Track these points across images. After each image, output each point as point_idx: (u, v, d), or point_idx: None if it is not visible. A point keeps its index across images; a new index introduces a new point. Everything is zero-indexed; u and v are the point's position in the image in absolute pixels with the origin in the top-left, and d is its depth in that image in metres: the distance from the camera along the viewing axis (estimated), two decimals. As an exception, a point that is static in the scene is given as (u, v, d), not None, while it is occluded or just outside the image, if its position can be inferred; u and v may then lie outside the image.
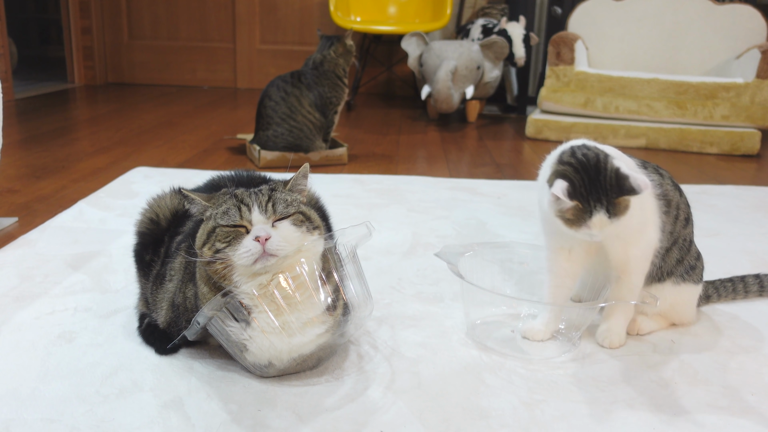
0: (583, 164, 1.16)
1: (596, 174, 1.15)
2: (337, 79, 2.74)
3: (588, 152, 1.18)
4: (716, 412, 1.09)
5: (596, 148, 1.20)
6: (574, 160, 1.17)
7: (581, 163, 1.16)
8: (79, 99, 4.46)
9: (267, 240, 1.03)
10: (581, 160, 1.17)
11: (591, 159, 1.16)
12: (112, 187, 2.27)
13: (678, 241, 1.32)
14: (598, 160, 1.16)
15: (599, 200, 1.14)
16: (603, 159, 1.16)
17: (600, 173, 1.15)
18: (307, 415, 1.04)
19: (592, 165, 1.15)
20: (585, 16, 3.81)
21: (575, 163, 1.17)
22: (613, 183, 1.14)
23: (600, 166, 1.15)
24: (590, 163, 1.16)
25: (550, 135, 3.51)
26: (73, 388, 1.08)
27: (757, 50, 3.34)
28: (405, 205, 2.18)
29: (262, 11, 5.00)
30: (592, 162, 1.16)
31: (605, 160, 1.16)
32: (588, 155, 1.17)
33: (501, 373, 1.18)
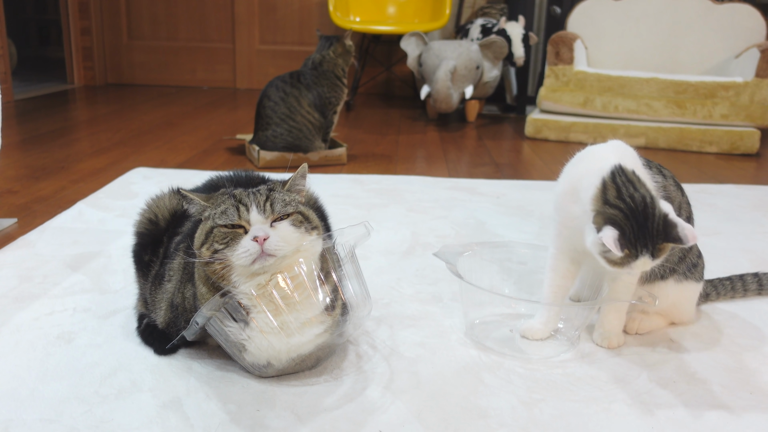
0: (633, 210, 1.13)
1: (644, 220, 1.13)
2: (336, 80, 2.74)
3: (635, 194, 1.15)
4: (715, 410, 1.09)
5: (639, 182, 1.17)
6: (623, 204, 1.14)
7: (630, 208, 1.14)
8: (78, 100, 4.46)
9: (265, 240, 1.03)
10: (630, 205, 1.14)
11: (639, 203, 1.14)
12: (112, 188, 2.27)
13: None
14: (646, 204, 1.14)
15: (646, 245, 1.13)
16: (650, 203, 1.14)
17: (648, 219, 1.13)
18: (306, 415, 1.04)
19: (641, 210, 1.13)
20: (584, 15, 3.81)
21: (625, 209, 1.14)
22: (660, 230, 1.13)
23: (648, 212, 1.13)
24: (639, 209, 1.13)
25: (549, 135, 3.51)
26: (72, 388, 1.09)
27: (756, 49, 3.34)
28: (404, 205, 2.18)
29: (262, 12, 5.00)
30: (641, 207, 1.14)
31: (653, 204, 1.14)
32: (636, 198, 1.14)
33: (500, 372, 1.18)
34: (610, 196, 1.16)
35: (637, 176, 1.18)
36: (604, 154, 1.24)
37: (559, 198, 1.27)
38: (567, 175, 1.28)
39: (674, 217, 1.14)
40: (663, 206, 1.15)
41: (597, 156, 1.24)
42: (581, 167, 1.25)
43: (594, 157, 1.25)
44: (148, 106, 4.23)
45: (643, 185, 1.17)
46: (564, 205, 1.26)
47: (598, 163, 1.21)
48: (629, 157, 1.24)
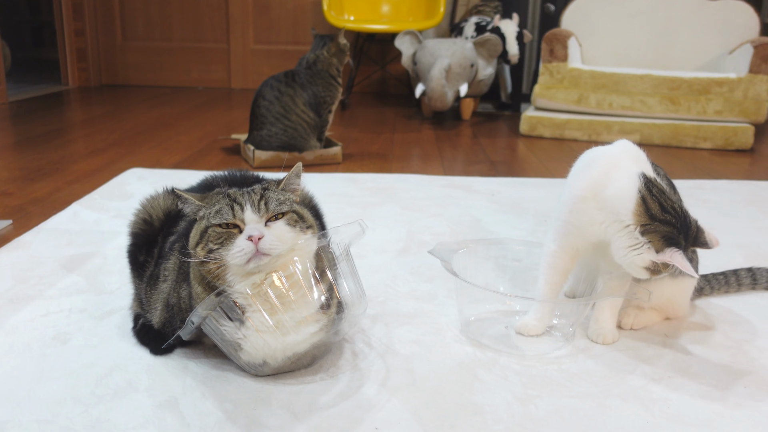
0: (680, 224, 1.18)
1: (687, 231, 1.19)
2: (330, 79, 2.74)
3: (675, 206, 1.20)
4: (709, 405, 1.09)
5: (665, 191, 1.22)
6: (673, 218, 1.18)
7: (678, 222, 1.18)
8: (73, 101, 4.46)
9: (260, 239, 1.03)
10: (676, 219, 1.18)
11: (680, 215, 1.19)
12: (107, 189, 2.27)
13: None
14: (685, 215, 1.20)
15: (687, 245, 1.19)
16: (686, 212, 1.20)
17: (689, 229, 1.19)
18: (302, 413, 1.04)
19: (684, 222, 1.19)
20: (578, 12, 3.81)
21: (675, 223, 1.18)
22: (694, 236, 1.19)
23: (688, 222, 1.19)
24: (682, 221, 1.19)
25: (544, 132, 3.51)
26: (68, 389, 1.09)
27: (750, 45, 3.35)
28: (399, 204, 2.19)
29: (256, 11, 5.00)
30: (682, 219, 1.19)
31: (687, 213, 1.20)
32: (677, 210, 1.19)
33: (495, 369, 1.19)
34: (654, 211, 1.19)
35: (660, 183, 1.22)
36: (621, 160, 1.25)
37: (576, 203, 1.25)
38: (583, 179, 1.26)
39: (700, 223, 1.20)
40: (691, 214, 1.21)
41: (615, 162, 1.24)
42: (599, 173, 1.24)
43: (612, 163, 1.24)
44: (143, 106, 4.23)
45: (677, 198, 1.22)
46: (584, 211, 1.24)
47: (622, 172, 1.22)
48: (642, 160, 1.26)
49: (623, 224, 1.20)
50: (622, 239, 1.21)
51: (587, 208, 1.24)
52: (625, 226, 1.20)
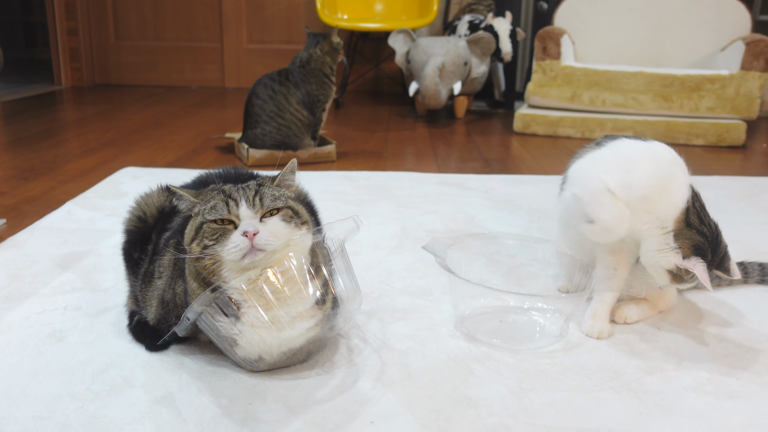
0: (713, 239, 1.24)
1: (716, 249, 1.24)
2: (324, 77, 2.74)
3: (711, 222, 1.25)
4: (702, 396, 1.10)
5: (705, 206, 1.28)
6: (708, 231, 1.24)
7: (711, 237, 1.23)
8: (66, 101, 4.44)
9: (255, 235, 1.03)
10: (710, 233, 1.24)
11: (714, 232, 1.25)
12: (101, 188, 2.27)
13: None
14: (719, 234, 1.25)
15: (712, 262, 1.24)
16: (719, 233, 1.25)
17: (718, 248, 1.24)
18: (298, 408, 1.04)
19: (716, 239, 1.24)
20: (570, 10, 3.83)
21: (708, 236, 1.23)
22: (720, 258, 1.24)
23: (720, 241, 1.25)
24: (716, 239, 1.24)
25: (537, 129, 3.52)
26: (63, 385, 1.09)
27: (741, 42, 3.36)
28: (393, 201, 2.19)
29: (249, 10, 4.99)
30: (715, 236, 1.24)
31: (720, 234, 1.26)
32: (712, 227, 1.25)
33: (489, 363, 1.19)
34: (692, 220, 1.24)
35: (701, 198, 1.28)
36: (675, 166, 1.28)
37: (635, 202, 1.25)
38: (642, 179, 1.25)
39: (729, 250, 1.25)
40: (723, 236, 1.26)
41: (671, 169, 1.27)
42: (660, 177, 1.25)
43: (669, 171, 1.27)
44: (137, 106, 4.22)
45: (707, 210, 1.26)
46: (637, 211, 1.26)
47: (677, 180, 1.26)
48: (685, 168, 1.31)
49: (663, 229, 1.24)
50: (654, 240, 1.25)
51: (641, 207, 1.25)
52: (662, 228, 1.24)
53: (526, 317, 1.39)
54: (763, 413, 1.06)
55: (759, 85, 3.31)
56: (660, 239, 1.24)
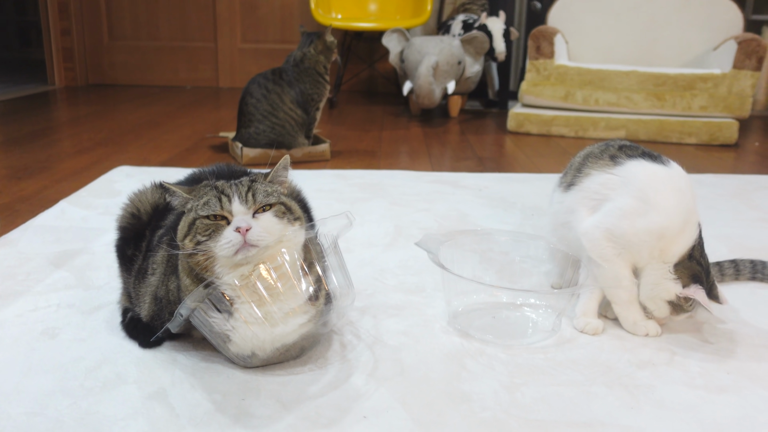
0: (706, 270, 1.27)
1: (707, 278, 1.27)
2: (318, 76, 2.75)
3: (704, 253, 1.28)
4: (693, 391, 1.11)
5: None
6: (704, 262, 1.27)
7: (706, 269, 1.27)
8: (60, 101, 4.44)
9: (248, 231, 1.04)
10: (705, 265, 1.27)
11: (707, 263, 1.28)
12: (94, 187, 2.27)
13: None
14: (709, 267, 1.28)
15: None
16: (709, 266, 1.29)
17: (709, 277, 1.27)
18: (291, 403, 1.05)
19: (707, 270, 1.27)
20: (564, 10, 3.84)
21: (705, 267, 1.27)
22: (710, 286, 1.26)
23: (710, 271, 1.28)
24: (707, 270, 1.27)
25: (531, 128, 3.53)
26: (56, 382, 1.09)
27: (734, 41, 3.38)
28: (387, 199, 2.20)
29: (243, 10, 4.99)
30: (707, 266, 1.28)
31: (709, 266, 1.29)
32: (705, 257, 1.28)
33: (482, 359, 1.20)
34: (695, 254, 1.26)
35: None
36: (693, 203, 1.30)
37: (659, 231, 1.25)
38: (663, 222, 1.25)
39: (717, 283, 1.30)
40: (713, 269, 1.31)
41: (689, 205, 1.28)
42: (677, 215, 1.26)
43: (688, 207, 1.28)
44: (131, 106, 4.22)
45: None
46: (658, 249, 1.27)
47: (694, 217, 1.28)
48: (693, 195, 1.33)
49: (666, 263, 1.26)
50: (655, 272, 1.27)
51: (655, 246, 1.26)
52: (665, 263, 1.26)
53: (518, 313, 1.40)
54: (753, 407, 1.07)
55: (751, 84, 3.32)
56: (660, 270, 1.27)
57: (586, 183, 1.36)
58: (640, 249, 1.26)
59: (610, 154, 1.36)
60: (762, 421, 1.03)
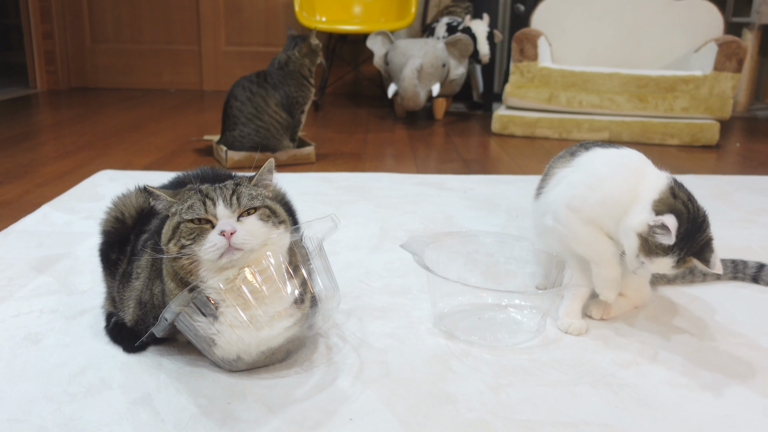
0: (692, 216, 1.22)
1: (694, 230, 1.22)
2: (302, 79, 2.75)
3: (699, 207, 1.25)
4: (676, 389, 1.12)
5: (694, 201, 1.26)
6: (691, 206, 1.23)
7: (691, 214, 1.22)
8: (42, 104, 4.40)
9: (232, 234, 1.04)
10: (692, 211, 1.23)
11: (698, 215, 1.23)
12: (77, 191, 2.25)
13: None
14: (704, 220, 1.24)
15: (681, 250, 1.21)
16: (705, 222, 1.24)
17: (697, 232, 1.22)
18: (277, 407, 1.04)
19: (698, 221, 1.22)
20: (547, 12, 3.86)
21: (692, 210, 1.22)
22: (699, 246, 1.22)
23: (701, 226, 1.23)
24: (696, 219, 1.22)
25: (515, 130, 3.55)
26: (40, 388, 1.08)
27: (714, 43, 3.42)
28: (373, 201, 2.20)
29: (227, 13, 4.97)
30: (699, 219, 1.23)
31: (706, 223, 1.24)
32: (699, 210, 1.24)
33: (468, 360, 1.20)
34: (678, 194, 1.24)
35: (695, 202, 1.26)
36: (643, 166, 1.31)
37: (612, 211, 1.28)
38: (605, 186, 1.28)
39: (714, 244, 1.23)
40: (710, 231, 1.24)
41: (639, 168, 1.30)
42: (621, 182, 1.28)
43: (636, 169, 1.30)
44: (114, 109, 4.19)
45: (701, 208, 1.25)
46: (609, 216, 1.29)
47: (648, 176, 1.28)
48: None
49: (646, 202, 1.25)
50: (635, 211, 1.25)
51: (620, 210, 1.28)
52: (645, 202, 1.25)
53: (503, 314, 1.41)
54: (735, 405, 1.08)
55: (731, 85, 3.36)
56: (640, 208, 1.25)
57: (552, 183, 1.42)
58: (601, 220, 1.29)
59: (570, 152, 1.43)
60: (744, 419, 1.04)
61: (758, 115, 4.42)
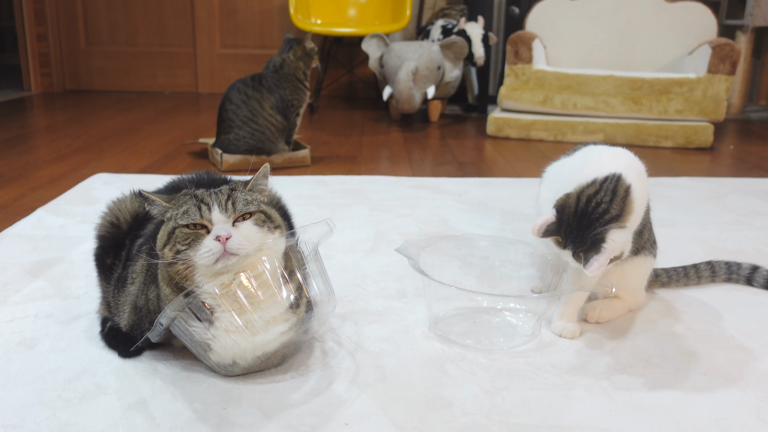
0: (582, 214, 1.23)
1: (582, 225, 1.23)
2: (297, 82, 2.75)
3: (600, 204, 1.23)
4: (670, 392, 1.13)
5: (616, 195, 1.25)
6: (590, 204, 1.24)
7: (581, 211, 1.24)
8: (36, 107, 4.39)
9: (228, 239, 1.04)
10: (582, 208, 1.24)
11: (594, 213, 1.23)
12: (72, 194, 2.25)
13: (646, 224, 1.40)
14: (600, 217, 1.22)
15: (572, 244, 1.25)
16: (603, 218, 1.23)
17: (587, 228, 1.23)
18: (273, 411, 1.05)
19: (591, 219, 1.23)
20: (542, 15, 3.87)
21: (583, 207, 1.24)
22: (589, 244, 1.22)
23: (590, 221, 1.23)
24: (591, 216, 1.23)
25: (510, 133, 3.56)
26: (35, 393, 1.08)
27: (708, 46, 3.43)
28: (368, 205, 2.20)
29: (222, 15, 4.97)
30: (594, 216, 1.23)
31: (603, 219, 1.22)
32: (598, 206, 1.23)
33: (463, 364, 1.21)
34: (586, 190, 1.25)
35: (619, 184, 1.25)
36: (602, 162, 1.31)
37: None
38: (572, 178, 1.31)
39: (609, 245, 1.21)
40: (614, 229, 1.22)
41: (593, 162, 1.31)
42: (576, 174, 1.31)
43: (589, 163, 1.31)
44: (109, 112, 4.18)
45: (606, 201, 1.24)
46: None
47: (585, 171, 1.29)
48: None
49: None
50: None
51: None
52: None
53: (499, 318, 1.41)
54: (729, 407, 1.09)
55: (725, 87, 3.38)
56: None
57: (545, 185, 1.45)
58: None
59: (564, 155, 1.46)
60: (738, 422, 1.05)
61: (752, 118, 4.44)
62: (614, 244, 1.22)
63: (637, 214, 1.26)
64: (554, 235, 1.26)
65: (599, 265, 1.20)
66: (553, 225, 1.25)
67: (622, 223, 1.23)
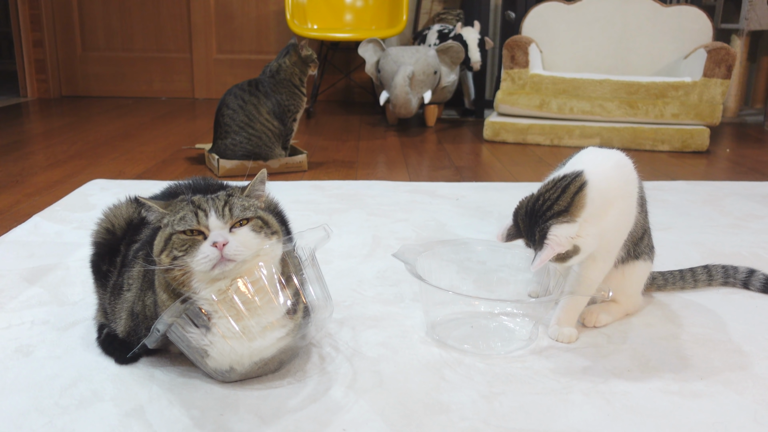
0: (531, 211, 1.26)
1: (531, 224, 1.26)
2: (294, 88, 2.75)
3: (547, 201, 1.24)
4: (668, 396, 1.13)
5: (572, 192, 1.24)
6: (538, 201, 1.26)
7: (530, 207, 1.27)
8: (32, 113, 4.38)
9: (224, 245, 1.03)
10: (530, 205, 1.26)
11: (539, 210, 1.24)
12: (69, 200, 2.24)
13: (647, 230, 1.41)
14: (543, 214, 1.24)
15: (531, 241, 1.27)
16: (546, 215, 1.23)
17: (535, 223, 1.25)
18: (270, 417, 1.04)
19: (536, 216, 1.25)
20: (538, 19, 3.88)
21: (532, 204, 1.26)
22: (538, 240, 1.24)
23: (537, 217, 1.24)
24: (537, 213, 1.25)
25: (507, 137, 3.56)
26: (31, 400, 1.07)
27: (703, 50, 3.44)
28: (365, 210, 2.20)
29: (218, 21, 4.98)
30: (538, 213, 1.24)
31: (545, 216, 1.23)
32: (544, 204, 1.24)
33: (460, 369, 1.20)
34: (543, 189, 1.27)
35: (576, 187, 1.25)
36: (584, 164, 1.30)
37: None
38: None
39: (552, 240, 1.22)
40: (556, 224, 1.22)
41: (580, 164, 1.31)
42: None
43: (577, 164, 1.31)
44: (105, 117, 4.18)
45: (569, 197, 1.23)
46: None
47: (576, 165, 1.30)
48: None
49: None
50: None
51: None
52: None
53: (496, 322, 1.41)
54: (726, 412, 1.09)
55: (721, 91, 3.39)
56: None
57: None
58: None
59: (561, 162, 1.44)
60: (736, 425, 1.05)
61: (748, 121, 4.45)
62: (557, 239, 1.21)
63: (594, 208, 1.23)
64: (516, 238, 1.28)
65: (540, 261, 1.21)
66: (513, 228, 1.29)
67: (568, 217, 1.22)
